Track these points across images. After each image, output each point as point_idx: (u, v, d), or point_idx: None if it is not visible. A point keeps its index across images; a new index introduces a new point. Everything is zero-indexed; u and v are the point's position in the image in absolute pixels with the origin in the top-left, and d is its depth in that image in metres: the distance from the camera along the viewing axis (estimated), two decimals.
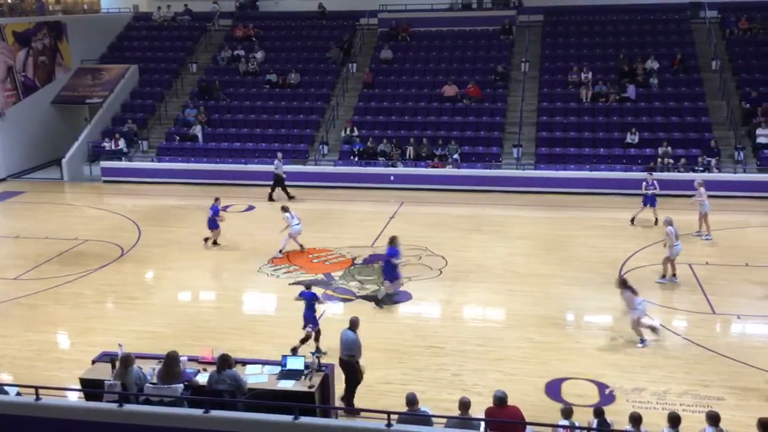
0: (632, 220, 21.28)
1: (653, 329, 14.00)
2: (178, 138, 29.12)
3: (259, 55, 32.44)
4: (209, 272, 18.33)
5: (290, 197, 24.75)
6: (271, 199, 24.75)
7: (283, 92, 30.89)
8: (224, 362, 9.79)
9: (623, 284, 14.13)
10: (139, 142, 29.57)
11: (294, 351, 12.90)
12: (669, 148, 25.25)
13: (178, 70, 33.12)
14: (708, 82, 28.46)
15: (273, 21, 35.59)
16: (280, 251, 19.10)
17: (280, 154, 25.60)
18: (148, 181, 27.69)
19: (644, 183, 21.26)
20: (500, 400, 9.43)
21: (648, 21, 31.98)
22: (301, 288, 14.59)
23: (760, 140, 25.42)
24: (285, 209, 19.20)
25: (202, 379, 10.07)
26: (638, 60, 29.21)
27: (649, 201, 21.06)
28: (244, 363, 10.77)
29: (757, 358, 13.18)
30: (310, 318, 13.47)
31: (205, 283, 17.79)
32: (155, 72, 33.07)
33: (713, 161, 24.62)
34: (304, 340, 13.34)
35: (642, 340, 13.74)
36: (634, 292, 13.92)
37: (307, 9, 35.40)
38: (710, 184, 22.47)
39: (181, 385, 9.65)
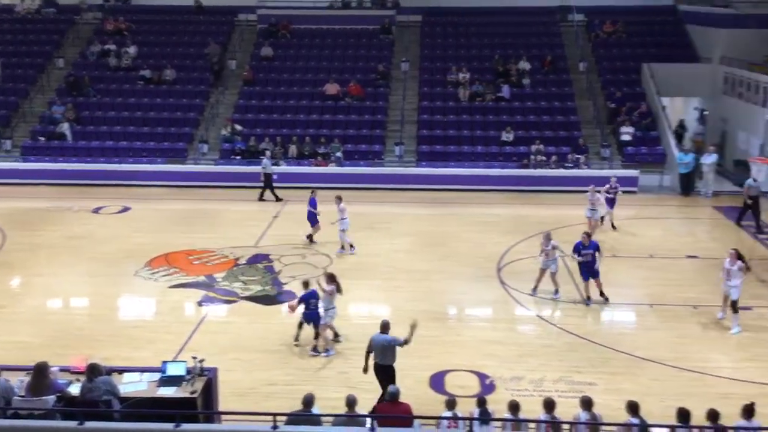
0: (612, 226, 21.03)
1: (336, 336, 13.86)
2: (44, 137, 27.57)
3: (132, 49, 31.22)
4: (82, 277, 17.46)
5: (278, 198, 24.18)
6: (278, 199, 24.17)
7: (158, 89, 29.89)
8: (93, 370, 9.43)
9: (331, 279, 13.57)
10: (2, 141, 27.76)
11: (314, 349, 13.53)
12: (541, 146, 26.37)
13: (43, 65, 31.37)
14: (576, 83, 29.93)
15: (146, 15, 34.36)
16: (343, 247, 18.94)
17: (268, 153, 25.09)
18: (12, 182, 26.03)
19: (607, 185, 20.94)
20: (393, 396, 9.52)
21: (520, 23, 33.25)
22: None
23: (624, 138, 27.00)
24: (339, 199, 18.86)
25: (75, 389, 9.60)
26: (512, 61, 30.32)
27: (609, 203, 20.90)
28: (121, 371, 10.34)
29: (624, 343, 14.02)
30: (314, 316, 13.54)
31: (77, 289, 16.93)
32: (18, 67, 31.16)
33: (582, 158, 25.92)
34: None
35: (327, 350, 13.45)
36: (339, 290, 13.61)
37: (182, 3, 34.39)
38: (579, 181, 23.70)
39: (53, 397, 9.19)
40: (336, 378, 12.63)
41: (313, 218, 19.56)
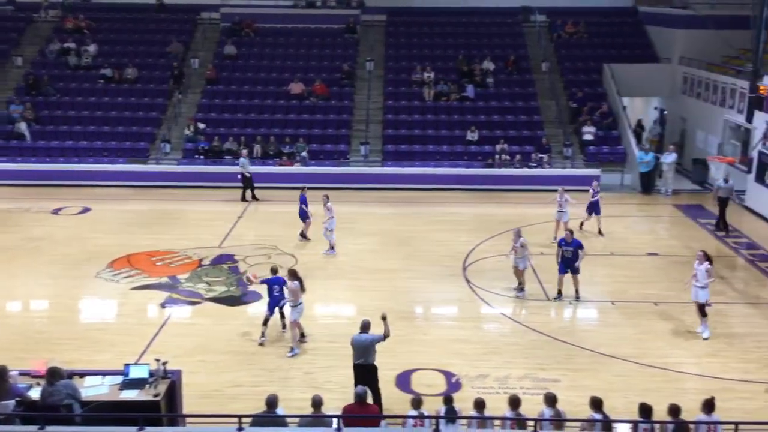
0: (580, 226, 20.61)
1: (303, 336, 13.81)
2: (1, 138, 26.97)
3: (92, 48, 30.70)
4: (42, 279, 17.10)
5: (244, 199, 24.00)
6: (244, 199, 23.96)
7: (119, 87, 29.42)
8: (54, 374, 9.26)
9: (293, 275, 13.57)
10: None
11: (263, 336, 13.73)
12: (506, 146, 26.56)
13: (1, 63, 30.67)
14: (539, 83, 30.21)
15: (106, 13, 33.79)
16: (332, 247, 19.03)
17: (245, 152, 24.74)
18: None
19: (591, 191, 20.65)
20: (360, 397, 9.52)
21: (483, 24, 33.44)
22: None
23: (586, 137, 27.34)
24: (327, 198, 18.84)
25: (36, 393, 9.42)
26: (476, 61, 30.49)
27: (594, 209, 20.59)
28: (83, 375, 10.17)
29: (588, 340, 14.21)
30: (278, 300, 13.66)
31: (37, 291, 16.59)
32: None
33: (545, 157, 26.18)
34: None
35: (292, 349, 13.38)
36: (302, 287, 13.55)
37: (143, 0, 33.91)
38: (543, 180, 23.96)
39: (13, 402, 9.03)
40: (302, 378, 12.59)
41: (303, 215, 19.64)
